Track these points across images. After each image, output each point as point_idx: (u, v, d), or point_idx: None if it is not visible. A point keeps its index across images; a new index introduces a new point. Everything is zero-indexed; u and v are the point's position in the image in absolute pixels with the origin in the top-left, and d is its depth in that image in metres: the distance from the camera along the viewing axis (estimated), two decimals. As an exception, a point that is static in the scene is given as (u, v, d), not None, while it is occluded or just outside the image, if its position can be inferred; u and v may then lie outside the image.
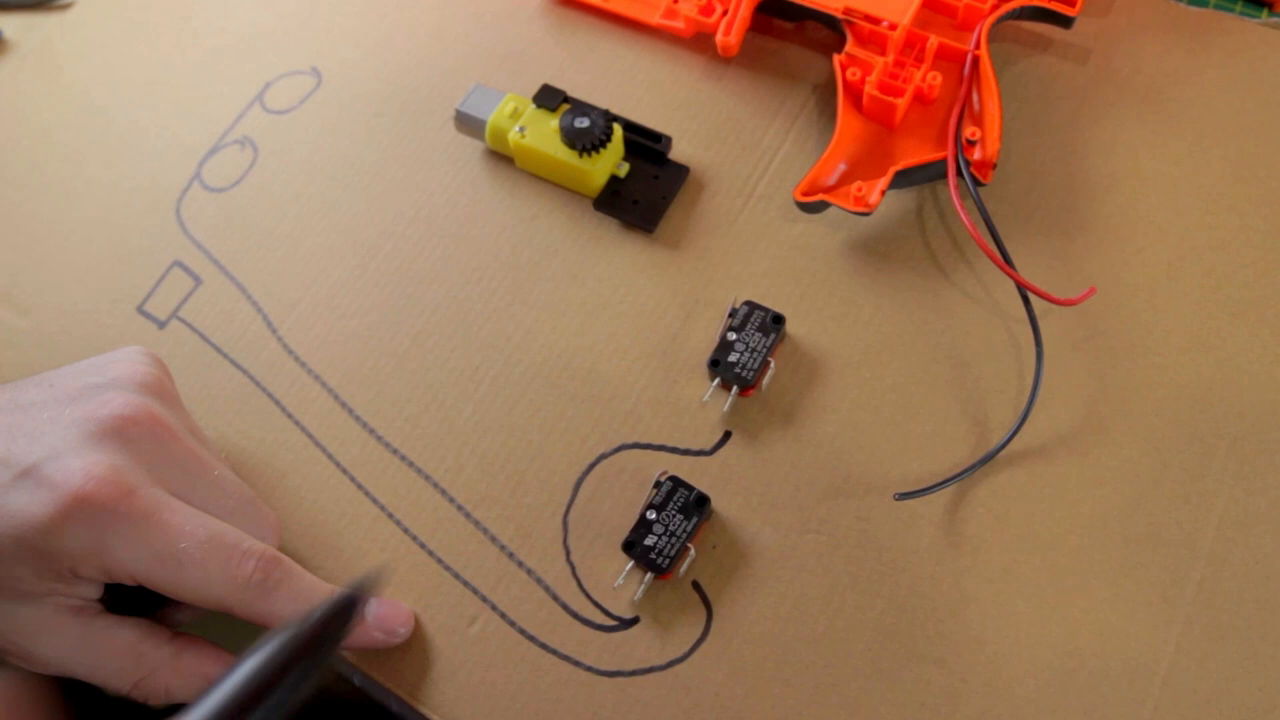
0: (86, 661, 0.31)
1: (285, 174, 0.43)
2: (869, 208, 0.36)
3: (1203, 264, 0.36)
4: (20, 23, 0.50)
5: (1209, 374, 0.35)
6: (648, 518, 0.33)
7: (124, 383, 0.32)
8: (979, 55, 0.38)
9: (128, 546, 0.29)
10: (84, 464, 0.29)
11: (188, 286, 0.42)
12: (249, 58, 0.47)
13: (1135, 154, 0.38)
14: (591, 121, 0.39)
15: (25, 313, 0.42)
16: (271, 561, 0.31)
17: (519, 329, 0.38)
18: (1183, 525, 0.33)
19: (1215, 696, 0.31)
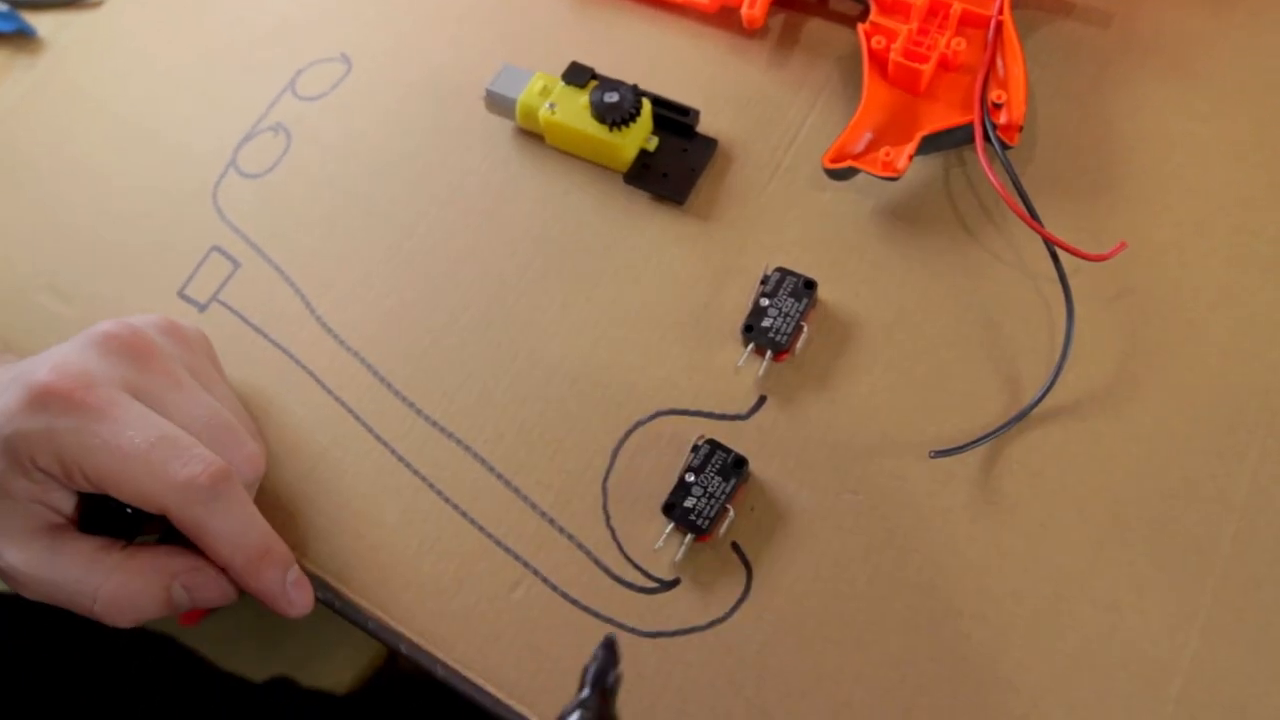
0: (52, 575, 0.32)
1: (319, 158, 0.44)
2: (897, 173, 0.36)
3: (1231, 220, 0.37)
4: (54, 21, 0.51)
5: (1240, 329, 0.35)
6: (686, 480, 0.34)
7: (131, 316, 0.35)
8: (1002, 20, 0.38)
9: (75, 433, 0.31)
10: (53, 362, 0.32)
11: (227, 270, 0.42)
12: (279, 46, 0.47)
13: (1161, 114, 0.39)
14: (621, 96, 0.39)
15: (69, 300, 0.43)
16: (220, 472, 0.32)
17: (554, 302, 0.39)
18: (1216, 479, 0.33)
19: (1253, 644, 0.31)
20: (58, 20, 0.51)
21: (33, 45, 0.51)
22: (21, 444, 0.31)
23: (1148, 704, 0.31)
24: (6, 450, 0.31)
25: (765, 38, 0.43)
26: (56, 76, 0.49)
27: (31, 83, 0.49)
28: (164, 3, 0.50)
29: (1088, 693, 0.31)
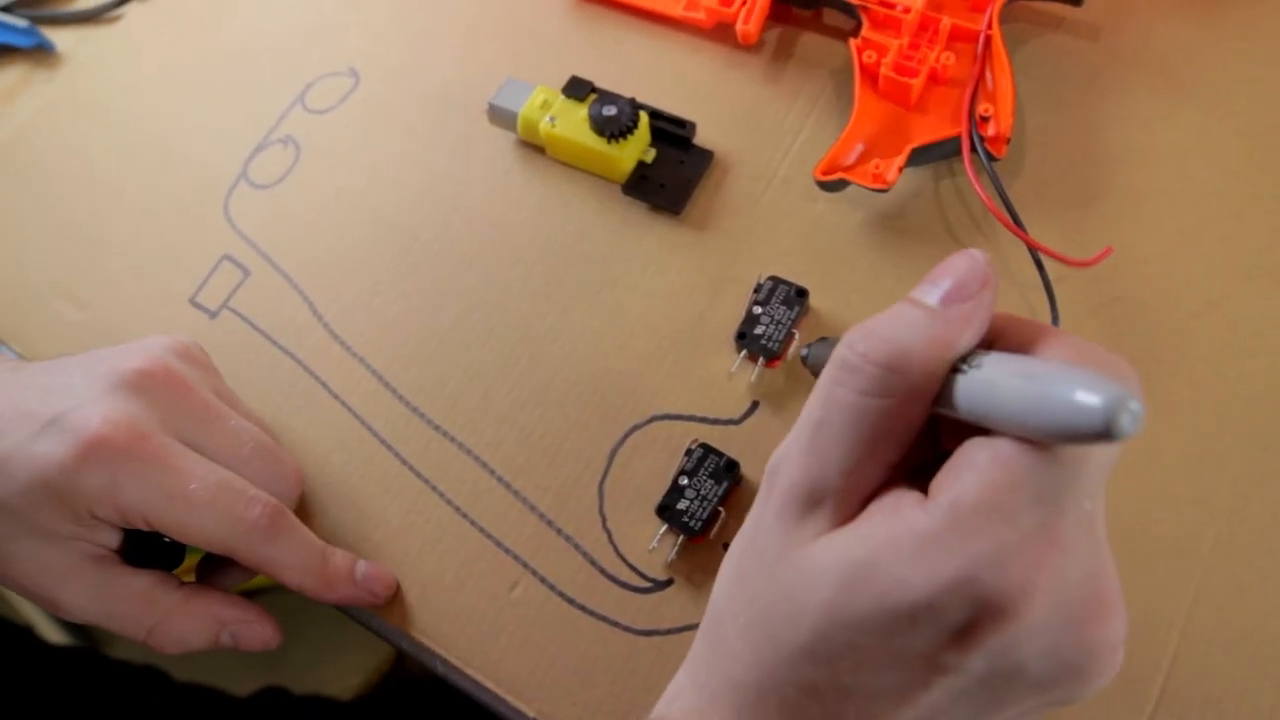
0: (104, 607, 0.33)
1: (327, 170, 0.45)
2: (887, 184, 0.37)
3: (1216, 230, 0.37)
4: (72, 36, 0.53)
5: (1223, 336, 0.36)
6: (680, 483, 0.35)
7: (149, 345, 0.35)
8: (991, 35, 0.39)
9: (139, 487, 0.32)
10: (101, 411, 0.32)
11: (237, 278, 0.44)
12: (289, 61, 0.49)
13: (1148, 126, 0.39)
14: (619, 109, 0.40)
15: (83, 306, 0.45)
16: (277, 510, 0.34)
17: (553, 309, 0.40)
18: (1199, 483, 0.34)
19: (1232, 646, 0.32)
20: (76, 35, 0.53)
21: (51, 59, 0.52)
22: (78, 498, 0.31)
23: (1130, 700, 0.31)
24: (59, 499, 0.31)
25: (760, 52, 0.44)
26: (74, 90, 0.51)
27: (50, 95, 0.51)
28: (178, 19, 0.52)
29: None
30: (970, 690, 0.22)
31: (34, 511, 0.31)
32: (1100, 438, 0.20)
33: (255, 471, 0.34)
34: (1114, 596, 0.23)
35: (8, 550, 0.32)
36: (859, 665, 0.23)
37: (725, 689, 0.25)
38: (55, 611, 0.33)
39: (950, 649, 0.22)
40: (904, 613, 0.22)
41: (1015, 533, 0.21)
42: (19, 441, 0.32)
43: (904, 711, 0.23)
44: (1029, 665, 0.22)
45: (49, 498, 0.31)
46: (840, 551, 0.23)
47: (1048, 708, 0.24)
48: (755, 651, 0.24)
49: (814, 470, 0.24)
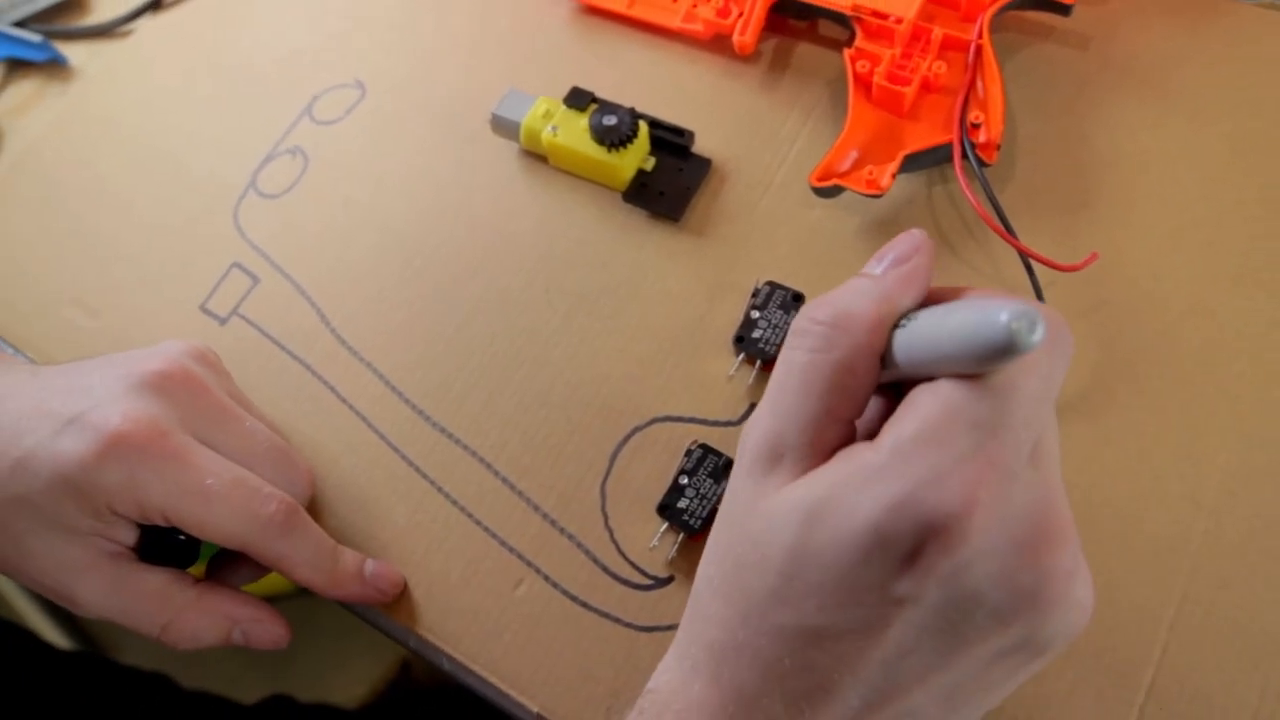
0: (119, 603, 0.34)
1: (334, 180, 0.46)
2: (881, 190, 0.38)
3: (1202, 235, 0.38)
4: (85, 50, 0.54)
5: (1210, 338, 0.36)
6: (680, 483, 0.36)
7: (166, 349, 0.36)
8: (982, 44, 0.40)
9: (159, 482, 0.33)
10: (122, 409, 0.33)
11: (246, 286, 0.45)
12: (297, 74, 0.50)
13: (1135, 133, 0.40)
14: (619, 119, 0.41)
15: (95, 314, 0.46)
16: (291, 507, 0.35)
17: (556, 314, 0.41)
18: (1186, 480, 0.35)
19: (1221, 639, 0.32)
20: (88, 49, 0.54)
21: (64, 73, 0.53)
22: (98, 494, 0.32)
23: (1120, 693, 0.32)
24: (79, 495, 0.32)
25: (757, 62, 0.45)
26: (86, 102, 0.52)
27: (63, 108, 0.52)
28: (188, 33, 0.53)
29: (1062, 683, 0.32)
30: (931, 625, 0.23)
31: (55, 508, 0.32)
32: (1008, 350, 0.21)
33: (269, 470, 0.35)
34: (1064, 524, 0.24)
35: (28, 546, 0.33)
36: (823, 604, 0.24)
37: (704, 653, 0.26)
38: (71, 607, 0.34)
39: (903, 575, 0.23)
40: (856, 542, 0.23)
41: (952, 455, 0.23)
42: (40, 440, 0.33)
43: (871, 652, 0.24)
44: (984, 591, 0.23)
45: (70, 494, 0.32)
46: (801, 493, 0.25)
47: (1022, 663, 0.25)
48: (729, 606, 0.26)
49: (775, 427, 0.26)
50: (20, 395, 0.34)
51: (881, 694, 0.24)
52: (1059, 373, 0.25)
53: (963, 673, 0.24)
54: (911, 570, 0.23)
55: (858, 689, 0.24)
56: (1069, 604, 0.24)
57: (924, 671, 0.24)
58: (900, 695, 0.24)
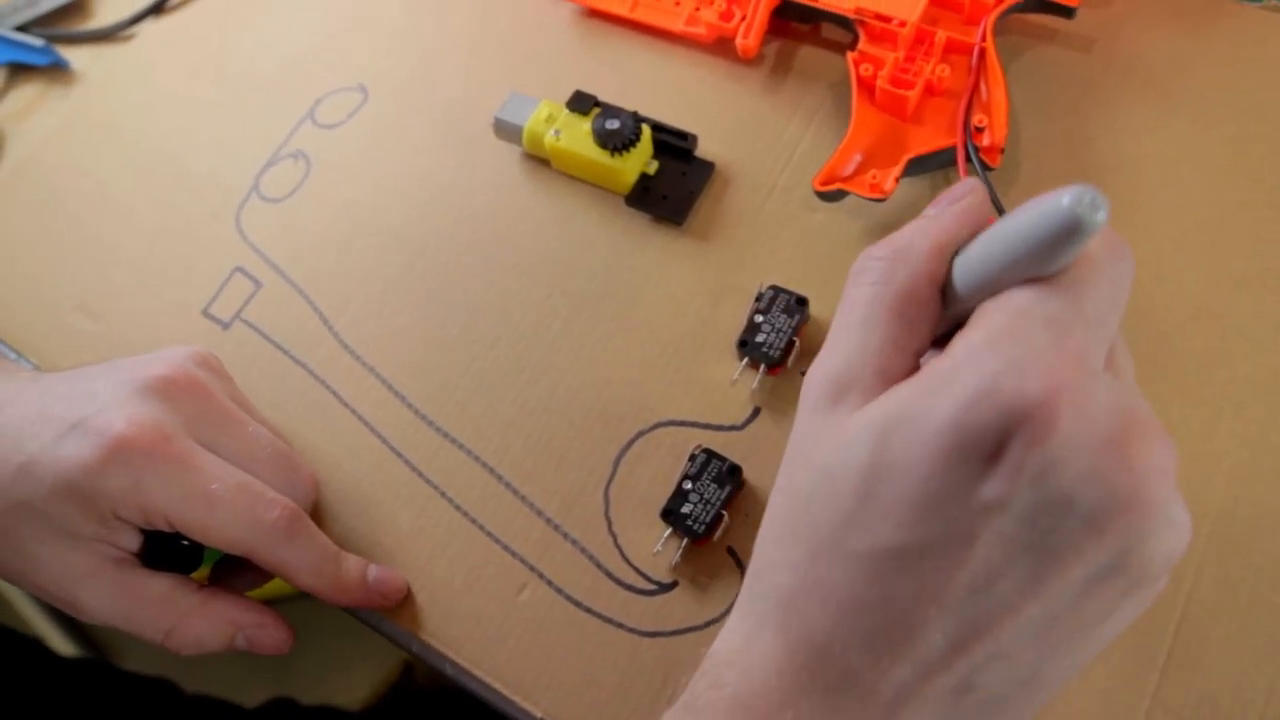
0: (123, 609, 0.34)
1: (337, 183, 0.46)
2: (884, 194, 0.38)
3: (1206, 238, 0.38)
4: (87, 54, 0.54)
5: (1215, 342, 0.36)
6: (684, 488, 0.36)
7: (170, 354, 0.36)
8: (985, 48, 0.40)
9: (163, 487, 0.32)
10: (126, 414, 0.33)
11: (249, 290, 0.45)
12: (300, 78, 0.50)
13: (1139, 136, 0.40)
14: (622, 123, 0.41)
15: (98, 318, 0.46)
16: (294, 513, 0.35)
17: (558, 318, 0.41)
18: (1191, 484, 0.34)
19: (1226, 642, 0.32)
20: (91, 53, 0.54)
21: (66, 77, 0.53)
22: (102, 498, 0.32)
23: (1126, 697, 0.32)
24: (83, 500, 0.32)
25: (760, 65, 0.45)
26: (89, 106, 0.52)
27: (65, 112, 0.52)
28: (191, 37, 0.53)
29: (1067, 687, 0.32)
30: (1021, 537, 0.21)
31: (58, 513, 0.32)
32: (1074, 229, 0.21)
33: (272, 475, 0.35)
34: (1153, 421, 0.22)
35: (31, 552, 0.33)
36: (902, 520, 0.22)
37: (770, 604, 0.24)
38: (75, 613, 0.34)
39: (988, 476, 0.21)
40: (937, 444, 0.21)
41: (1029, 347, 0.21)
42: (44, 445, 0.33)
43: (957, 575, 0.22)
44: (1075, 491, 0.21)
45: (73, 499, 0.32)
46: (874, 412, 0.23)
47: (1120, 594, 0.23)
48: (797, 546, 0.24)
49: (840, 361, 0.25)
50: (23, 401, 0.34)
51: (970, 628, 0.22)
52: (1124, 280, 0.23)
53: (1057, 600, 0.22)
54: (997, 468, 0.21)
55: (943, 624, 0.22)
56: (1165, 514, 0.22)
57: (1015, 598, 0.22)
58: (990, 631, 0.22)
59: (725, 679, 0.24)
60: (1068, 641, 0.23)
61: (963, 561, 0.22)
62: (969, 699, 0.22)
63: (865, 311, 0.25)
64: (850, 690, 0.22)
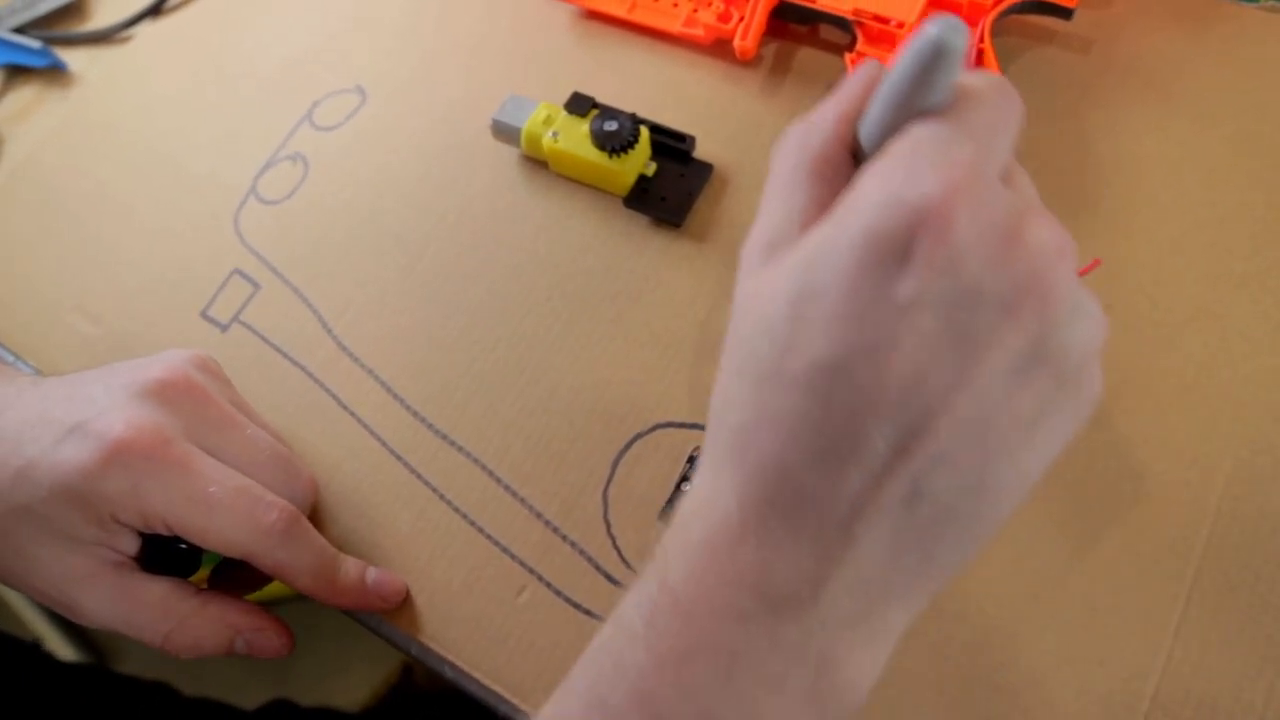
0: (122, 612, 0.34)
1: (335, 185, 0.46)
2: (883, 195, 0.38)
3: (1205, 238, 0.38)
4: (85, 55, 0.54)
5: (1214, 342, 0.36)
6: (682, 489, 0.36)
7: (168, 357, 0.36)
8: (983, 49, 0.40)
9: (161, 490, 0.32)
10: (125, 417, 0.33)
11: (247, 292, 0.45)
12: (297, 79, 0.50)
13: (1138, 137, 0.40)
14: (620, 125, 0.41)
15: (96, 320, 0.46)
16: (293, 515, 0.34)
17: (557, 320, 0.41)
18: (1191, 485, 0.34)
19: (1226, 644, 0.32)
20: (88, 55, 0.54)
21: (64, 79, 0.53)
22: (101, 501, 0.32)
23: (1125, 699, 0.32)
24: (82, 503, 0.32)
25: (758, 66, 0.45)
26: (87, 108, 0.52)
27: (63, 114, 0.52)
28: (189, 38, 0.53)
29: (1067, 689, 0.32)
30: (941, 331, 0.23)
31: (57, 517, 0.32)
32: (940, 51, 0.23)
33: (271, 478, 0.35)
34: (1047, 214, 0.24)
35: (30, 556, 0.33)
36: (830, 334, 0.23)
37: (724, 447, 0.25)
38: (74, 617, 0.34)
39: (902, 276, 0.23)
40: (851, 256, 0.23)
41: (924, 161, 0.23)
42: (43, 449, 0.33)
43: (887, 379, 0.23)
44: (982, 279, 0.23)
45: (72, 502, 0.32)
46: (797, 252, 0.25)
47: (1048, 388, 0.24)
48: (743, 384, 0.25)
49: (768, 228, 0.26)
50: (22, 404, 0.34)
51: (908, 432, 0.23)
52: (1010, 112, 0.25)
53: (986, 395, 0.23)
54: (907, 268, 0.23)
55: (882, 430, 0.23)
56: (1072, 299, 0.24)
57: (946, 394, 0.23)
58: (928, 431, 0.23)
59: (691, 526, 0.25)
60: (1006, 444, 0.24)
61: (891, 364, 0.23)
62: (921, 509, 0.23)
63: (787, 178, 0.26)
64: (806, 510, 0.24)
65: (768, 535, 0.24)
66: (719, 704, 0.24)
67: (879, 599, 0.24)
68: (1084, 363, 0.24)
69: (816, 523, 0.23)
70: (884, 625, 0.24)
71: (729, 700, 0.24)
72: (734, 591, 0.24)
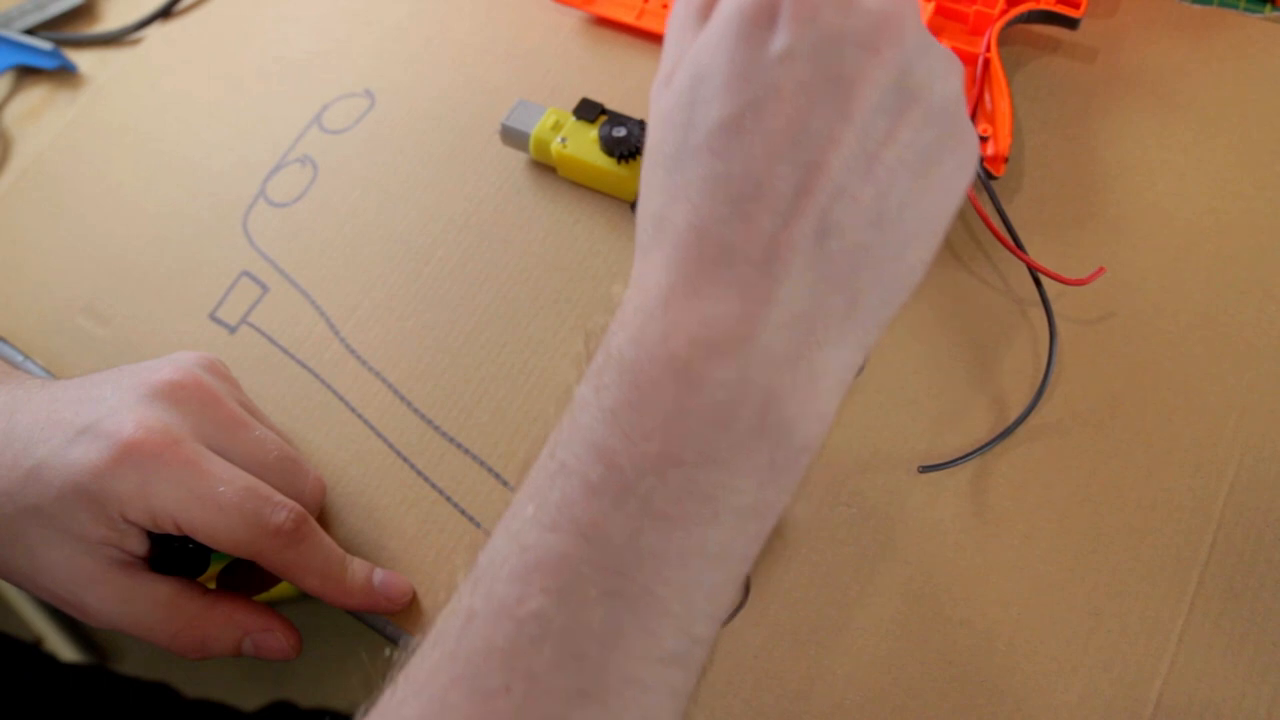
0: (130, 612, 0.34)
1: (343, 188, 0.47)
2: (889, 202, 0.38)
3: (1210, 246, 0.38)
4: (95, 58, 0.54)
5: (1218, 349, 0.37)
6: (688, 493, 0.36)
7: (177, 359, 0.37)
8: (989, 58, 0.40)
9: (171, 489, 0.33)
10: (135, 418, 0.33)
11: (256, 294, 0.45)
12: (307, 83, 0.50)
13: (1143, 145, 0.41)
14: (628, 131, 0.41)
15: (106, 322, 0.46)
16: (301, 516, 0.35)
17: (564, 325, 0.41)
18: (1195, 492, 0.35)
19: (1229, 650, 0.32)
20: (98, 57, 0.54)
21: (74, 81, 0.54)
22: (112, 500, 0.32)
23: (1129, 705, 0.32)
24: (92, 503, 0.32)
25: (766, 74, 0.45)
26: (96, 110, 0.52)
27: (73, 116, 0.52)
28: (198, 40, 0.53)
29: (1071, 695, 0.33)
30: (815, 76, 0.26)
31: (67, 517, 0.32)
32: None
33: (279, 479, 0.35)
34: None
35: (40, 556, 0.33)
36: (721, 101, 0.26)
37: (650, 229, 0.27)
38: (82, 617, 0.34)
39: (774, 32, 0.26)
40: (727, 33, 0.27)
41: None
42: (53, 449, 0.33)
43: (778, 125, 0.26)
44: (840, 25, 0.26)
45: (82, 502, 0.32)
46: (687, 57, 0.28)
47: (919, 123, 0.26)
48: (659, 172, 0.28)
49: (665, 64, 0.30)
50: (32, 407, 0.35)
51: (806, 170, 0.25)
52: None
53: (868, 129, 0.26)
54: (776, 26, 0.26)
55: (783, 172, 0.25)
56: (920, 33, 0.27)
57: (831, 130, 0.25)
58: (822, 167, 0.25)
59: (626, 306, 0.27)
60: (895, 178, 0.26)
61: (778, 110, 0.26)
62: (831, 245, 0.26)
63: (679, 24, 0.29)
64: (728, 260, 0.25)
65: (696, 289, 0.25)
66: (671, 444, 0.24)
67: (809, 339, 0.26)
68: (950, 106, 0.27)
69: (739, 268, 0.25)
70: (822, 368, 0.26)
71: (679, 440, 0.25)
72: (672, 343, 0.25)
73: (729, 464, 0.25)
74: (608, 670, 0.24)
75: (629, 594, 0.24)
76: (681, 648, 0.25)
